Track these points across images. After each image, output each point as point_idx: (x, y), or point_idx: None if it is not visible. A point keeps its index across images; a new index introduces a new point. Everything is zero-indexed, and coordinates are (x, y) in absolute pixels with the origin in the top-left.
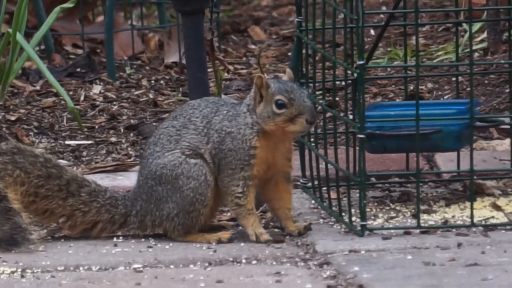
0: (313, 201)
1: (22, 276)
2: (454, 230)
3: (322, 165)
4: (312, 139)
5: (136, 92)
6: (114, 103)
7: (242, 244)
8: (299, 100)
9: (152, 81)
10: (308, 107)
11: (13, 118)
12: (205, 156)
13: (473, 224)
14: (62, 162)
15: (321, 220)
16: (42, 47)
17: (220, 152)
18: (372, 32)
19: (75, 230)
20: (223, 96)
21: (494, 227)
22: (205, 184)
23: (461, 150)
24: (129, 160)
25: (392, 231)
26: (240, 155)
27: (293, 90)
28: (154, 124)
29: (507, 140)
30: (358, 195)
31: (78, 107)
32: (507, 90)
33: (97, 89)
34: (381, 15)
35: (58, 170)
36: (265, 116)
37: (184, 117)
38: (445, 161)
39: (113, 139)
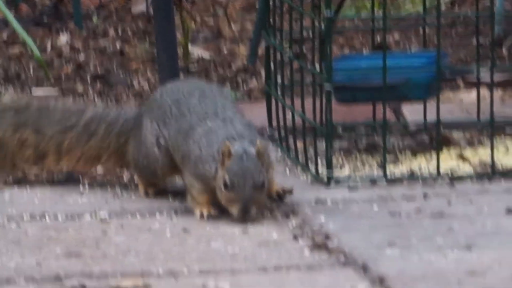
0: (279, 152)
1: None
2: (420, 180)
3: (289, 116)
4: (279, 90)
5: (103, 42)
6: (81, 52)
7: None
8: (240, 189)
9: (119, 31)
10: (243, 199)
11: None
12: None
13: (439, 175)
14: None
15: (288, 171)
16: None
17: (185, 156)
18: None
19: (110, 164)
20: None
21: (460, 178)
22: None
23: (428, 101)
24: None
25: (359, 181)
26: (199, 177)
27: (242, 174)
28: (121, 74)
29: (474, 92)
30: (324, 145)
31: (44, 56)
32: (474, 42)
33: (64, 38)
34: None
35: (75, 118)
36: (218, 183)
37: (179, 110)
38: (412, 112)
39: (80, 89)
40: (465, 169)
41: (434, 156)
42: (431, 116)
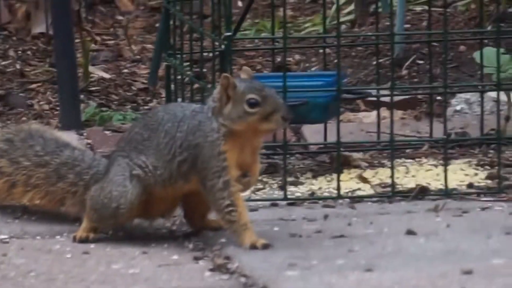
0: None
1: None
2: (321, 202)
3: None
4: None
5: (3, 63)
6: None
7: None
8: (272, 98)
9: (19, 52)
10: (281, 103)
11: None
12: (157, 175)
13: (339, 196)
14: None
15: None
16: None
17: (194, 167)
18: (240, 3)
19: (72, 209)
20: (180, 103)
21: (360, 199)
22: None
23: (328, 122)
24: None
25: (259, 202)
26: (213, 163)
27: (263, 88)
28: (21, 95)
29: (374, 112)
30: None
31: None
32: (374, 62)
33: None
34: None
35: (50, 156)
36: (235, 117)
37: (150, 129)
38: (312, 133)
39: None
40: (365, 190)
41: (335, 177)
42: (331, 137)
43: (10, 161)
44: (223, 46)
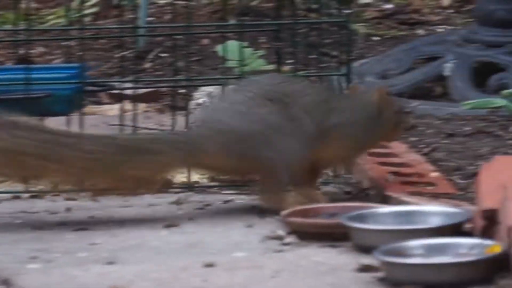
0: None
1: None
2: (64, 195)
3: None
4: None
5: None
6: None
7: None
8: None
9: None
10: None
11: None
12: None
13: (82, 190)
14: None
15: None
16: None
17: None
18: None
19: (154, 185)
20: None
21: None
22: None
23: (72, 115)
24: None
25: (1, 195)
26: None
27: None
28: None
29: (117, 105)
30: None
31: None
32: (117, 55)
33: None
34: None
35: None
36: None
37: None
38: (57, 125)
39: None
40: None
41: None
42: (74, 129)
43: None
44: None
